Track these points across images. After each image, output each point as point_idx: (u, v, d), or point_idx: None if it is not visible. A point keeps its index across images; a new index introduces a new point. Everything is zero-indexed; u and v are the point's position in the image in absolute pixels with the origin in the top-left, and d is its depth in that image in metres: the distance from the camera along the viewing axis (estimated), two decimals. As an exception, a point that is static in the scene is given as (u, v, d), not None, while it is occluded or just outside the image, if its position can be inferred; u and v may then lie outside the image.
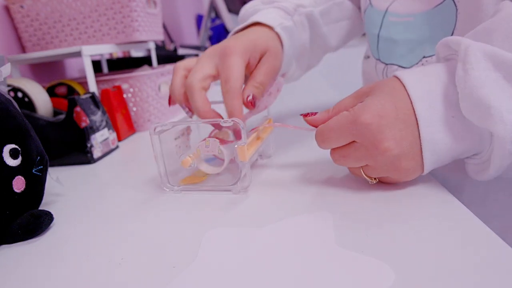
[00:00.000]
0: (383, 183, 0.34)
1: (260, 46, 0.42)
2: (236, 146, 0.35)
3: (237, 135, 0.43)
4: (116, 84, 0.71)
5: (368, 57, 0.55)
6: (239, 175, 0.36)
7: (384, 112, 0.30)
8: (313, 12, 0.52)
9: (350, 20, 0.58)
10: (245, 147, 0.35)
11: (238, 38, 0.42)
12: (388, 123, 0.30)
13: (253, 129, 0.41)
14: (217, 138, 0.39)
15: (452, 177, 0.40)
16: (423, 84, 0.31)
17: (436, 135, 0.30)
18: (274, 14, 0.49)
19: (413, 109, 0.31)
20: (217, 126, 0.44)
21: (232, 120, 0.36)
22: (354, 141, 0.32)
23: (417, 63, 0.46)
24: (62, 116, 0.55)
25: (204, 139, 0.38)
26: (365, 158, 0.32)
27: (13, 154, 0.34)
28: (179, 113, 0.87)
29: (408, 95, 0.31)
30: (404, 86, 0.32)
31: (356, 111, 0.31)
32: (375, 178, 0.34)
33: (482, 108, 0.28)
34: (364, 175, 0.34)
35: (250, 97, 0.39)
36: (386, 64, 0.49)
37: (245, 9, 0.56)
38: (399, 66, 0.48)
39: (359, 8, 0.57)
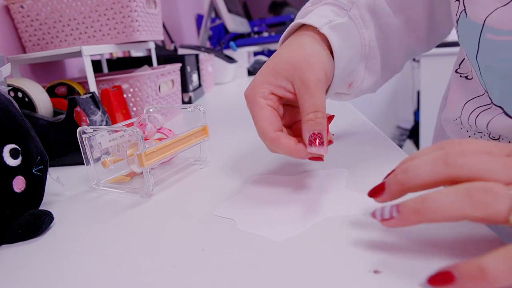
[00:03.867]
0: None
1: (295, 62, 0.34)
2: (136, 153, 0.37)
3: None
4: (116, 84, 0.71)
5: (468, 77, 0.41)
6: (144, 181, 0.39)
7: None
8: (376, 1, 0.41)
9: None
10: (143, 155, 0.37)
11: (263, 69, 0.36)
12: None
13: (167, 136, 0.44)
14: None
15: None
16: None
17: None
18: (324, 12, 0.39)
19: None
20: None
21: (132, 130, 0.37)
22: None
23: None
24: (62, 116, 0.55)
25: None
26: None
27: (13, 154, 0.34)
28: (179, 113, 0.87)
29: None
30: None
31: None
32: None
33: None
34: None
35: (316, 142, 0.30)
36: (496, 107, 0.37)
37: (297, 15, 0.48)
38: (505, 112, 0.36)
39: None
